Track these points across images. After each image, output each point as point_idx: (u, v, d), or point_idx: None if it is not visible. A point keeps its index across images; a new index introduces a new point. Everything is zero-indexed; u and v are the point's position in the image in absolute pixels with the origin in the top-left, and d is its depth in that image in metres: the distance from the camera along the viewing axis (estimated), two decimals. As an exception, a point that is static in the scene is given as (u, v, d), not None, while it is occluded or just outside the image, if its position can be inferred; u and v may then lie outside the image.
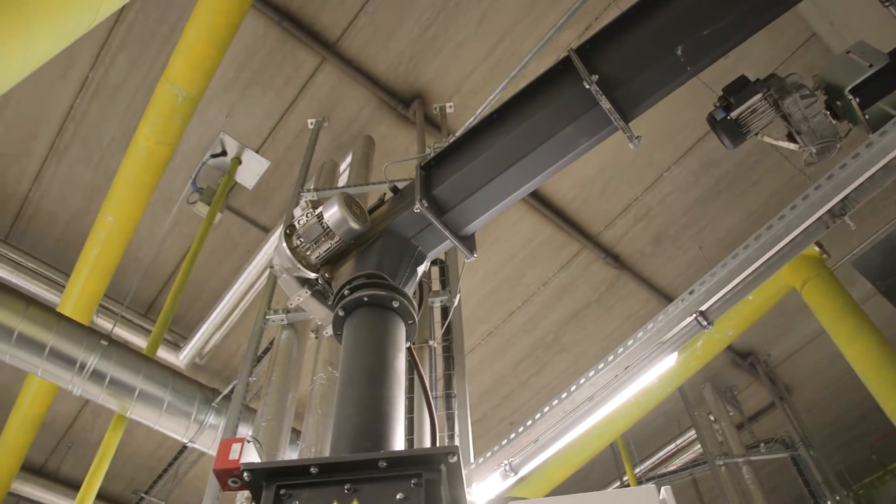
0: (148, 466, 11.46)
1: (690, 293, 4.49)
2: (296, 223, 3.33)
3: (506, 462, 4.50)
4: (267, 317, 5.90)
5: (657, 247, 9.38)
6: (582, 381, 4.51)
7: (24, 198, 8.89)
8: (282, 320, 5.91)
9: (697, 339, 7.47)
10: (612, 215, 9.06)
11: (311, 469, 2.31)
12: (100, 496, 11.28)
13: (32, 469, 11.27)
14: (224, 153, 8.36)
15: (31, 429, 8.78)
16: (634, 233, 9.23)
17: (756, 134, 3.56)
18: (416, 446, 4.18)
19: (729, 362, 10.76)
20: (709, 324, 4.52)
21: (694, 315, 4.49)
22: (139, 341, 9.26)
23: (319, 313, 3.36)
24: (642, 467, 11.38)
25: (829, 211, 4.16)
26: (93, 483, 7.34)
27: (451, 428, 4.14)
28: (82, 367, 6.78)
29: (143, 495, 11.18)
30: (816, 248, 7.67)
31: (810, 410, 11.22)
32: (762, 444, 10.74)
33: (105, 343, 7.00)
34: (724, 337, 7.91)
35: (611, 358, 4.50)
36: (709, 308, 4.51)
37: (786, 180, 8.57)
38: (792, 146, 3.71)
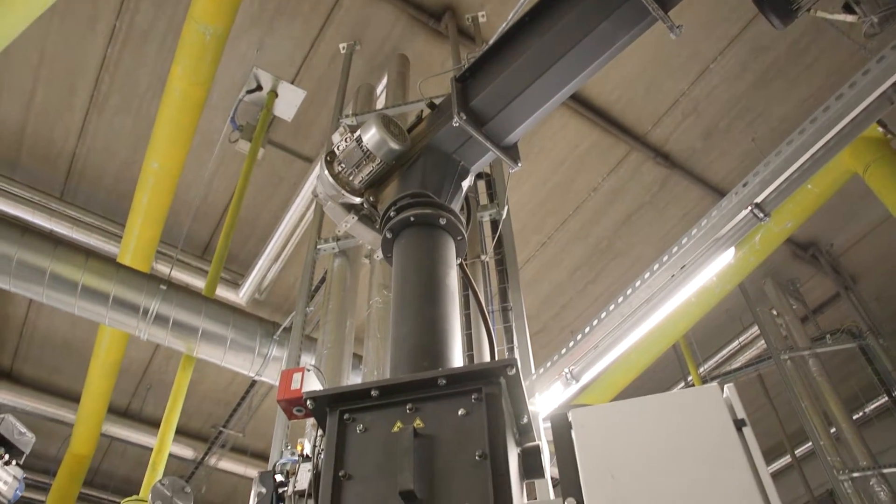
0: (223, 402, 11.94)
1: (744, 185, 4.33)
2: (335, 149, 3.28)
3: (567, 370, 4.51)
4: (318, 247, 5.94)
5: (708, 142, 9.07)
6: (638, 283, 4.43)
7: (73, 154, 9.03)
8: (333, 248, 5.94)
9: (755, 234, 7.27)
10: (658, 113, 8.75)
11: (372, 392, 2.33)
12: (183, 432, 11.91)
13: (118, 412, 11.88)
14: (259, 88, 8.29)
15: (110, 375, 9.20)
16: (683, 129, 8.92)
17: (808, 10, 3.31)
18: (475, 362, 4.22)
19: (789, 255, 10.49)
20: (765, 216, 4.37)
21: (749, 208, 4.33)
22: (198, 283, 9.50)
23: (368, 237, 3.34)
24: (706, 367, 11.35)
25: (893, 85, 3.88)
26: (170, 420, 7.68)
27: (510, 341, 4.14)
28: (145, 312, 7.00)
29: (221, 429, 11.69)
30: (879, 129, 7.28)
31: (878, 298, 10.93)
32: (828, 336, 10.55)
33: (164, 287, 7.19)
34: (783, 229, 7.67)
35: (666, 258, 4.40)
36: (765, 199, 4.35)
37: (843, 59, 8.10)
38: (849, 18, 3.46)
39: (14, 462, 3.43)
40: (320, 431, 2.47)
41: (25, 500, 12.50)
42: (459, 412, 2.22)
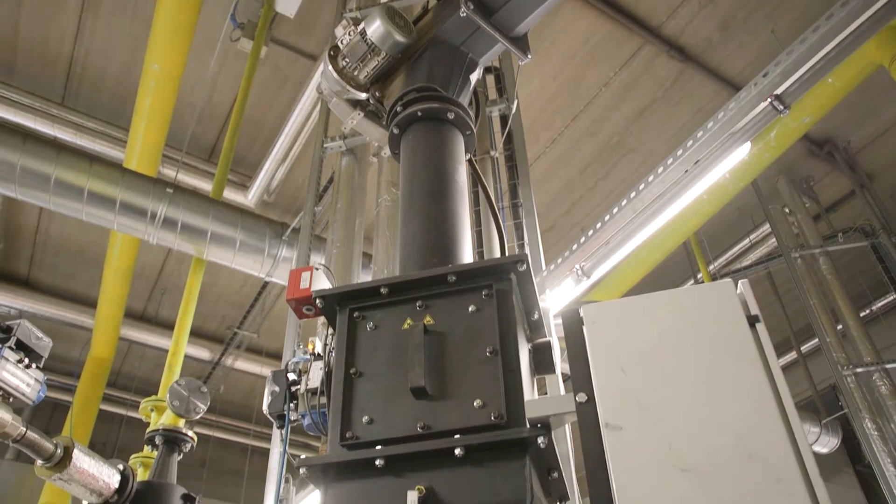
0: (237, 304, 12.12)
1: (764, 76, 4.15)
2: (339, 44, 3.14)
3: (577, 266, 4.48)
4: (325, 145, 5.84)
5: (725, 33, 8.73)
6: (651, 178, 4.34)
7: (70, 57, 8.81)
8: (340, 147, 5.84)
9: (771, 129, 7.09)
10: (674, 4, 8.39)
11: (382, 290, 2.30)
12: (199, 335, 12.15)
13: (135, 316, 12.11)
14: (258, -19, 7.98)
15: (124, 280, 9.30)
16: (699, 20, 8.56)
17: None
18: (486, 258, 4.19)
19: (805, 152, 10.29)
20: (785, 108, 4.22)
21: (769, 100, 4.17)
22: (206, 186, 9.45)
23: (375, 134, 3.25)
24: (716, 264, 11.36)
25: (929, -35, 3.65)
26: (184, 323, 7.80)
27: (521, 237, 4.10)
28: (153, 216, 6.99)
29: (236, 330, 11.93)
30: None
31: (893, 196, 10.78)
32: (840, 234, 10.49)
33: (171, 191, 7.15)
34: (800, 125, 7.47)
35: (680, 152, 4.29)
36: (785, 91, 4.19)
37: (871, -59, 7.65)
38: None
39: (34, 366, 3.48)
40: (331, 330, 2.47)
41: (54, 402, 12.97)
42: (470, 308, 2.19)
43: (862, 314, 11.00)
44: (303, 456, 2.12)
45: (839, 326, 10.01)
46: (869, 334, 10.01)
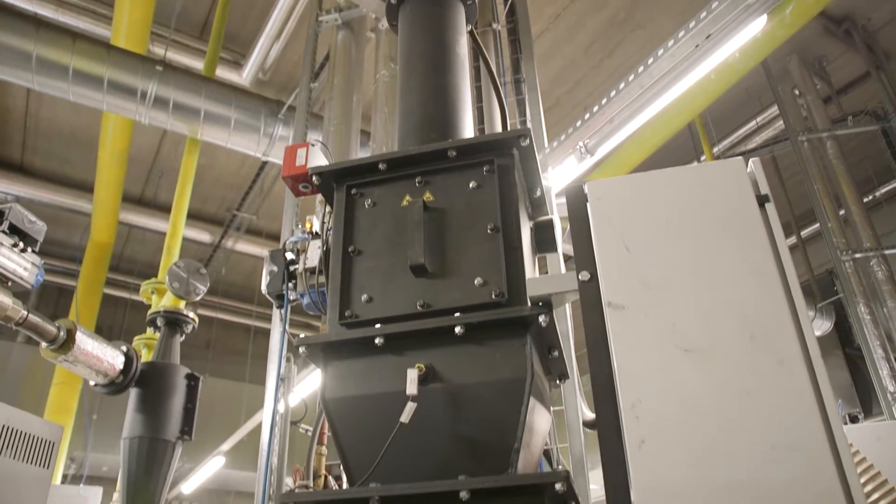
0: (235, 185, 12.02)
1: (787, -59, 3.88)
2: None
3: (581, 144, 4.35)
4: (320, 18, 5.57)
5: None
6: (661, 52, 4.14)
7: (48, -75, 8.30)
8: (335, 20, 5.57)
9: (787, 5, 6.75)
10: None
11: (380, 165, 2.22)
12: (198, 217, 12.13)
13: (133, 200, 12.03)
14: None
15: (120, 163, 9.16)
16: None
17: None
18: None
19: (820, 30, 9.87)
20: (806, -22, 3.96)
21: (789, -32, 3.92)
22: (198, 65, 9.13)
23: (371, 4, 3.09)
24: (720, 146, 11.17)
25: None
26: (181, 205, 7.73)
27: (523, 114, 3.96)
28: (143, 95, 6.78)
29: (235, 213, 11.90)
30: None
31: (910, 79, 10.45)
32: (850, 118, 10.23)
33: (160, 69, 6.91)
34: (818, 0, 7.10)
35: (693, 24, 4.07)
36: (807, -42, 3.92)
37: None
38: None
39: (30, 249, 3.43)
40: (328, 208, 2.40)
41: (59, 287, 13.13)
42: (471, 184, 2.12)
43: (865, 200, 10.93)
44: (302, 335, 2.10)
45: (841, 212, 9.96)
46: (871, 220, 9.97)
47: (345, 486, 2.00)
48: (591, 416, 3.65)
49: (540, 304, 1.96)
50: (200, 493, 13.92)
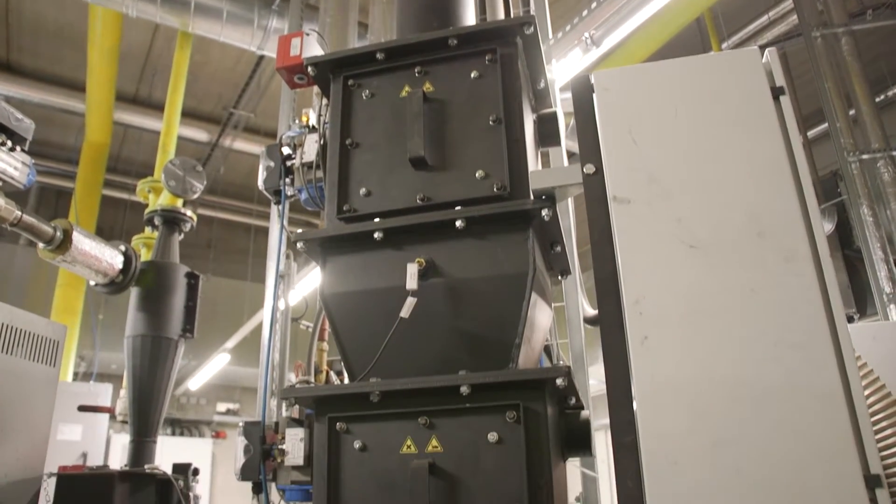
0: (232, 82, 11.71)
1: None
2: None
3: (587, 34, 4.18)
4: None
5: None
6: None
7: None
8: None
9: None
10: None
11: (378, 55, 2.12)
12: (195, 116, 11.90)
13: (127, 99, 11.76)
14: None
15: (111, 61, 8.91)
16: None
17: None
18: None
19: (845, -85, 9.35)
20: None
21: None
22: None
23: None
24: (730, 42, 10.82)
25: None
26: (174, 101, 7.54)
27: (526, 4, 3.76)
28: (130, -17, 6.48)
29: (232, 110, 11.66)
30: None
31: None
32: (869, 12, 9.83)
33: (146, -44, 6.59)
34: None
35: None
36: None
37: None
38: None
39: (19, 148, 3.34)
40: (325, 101, 2.31)
41: (57, 189, 13.04)
42: (472, 74, 2.03)
43: (877, 99, 10.67)
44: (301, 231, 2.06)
45: (851, 112, 9.74)
46: (881, 120, 9.77)
47: (346, 381, 2.01)
48: (592, 312, 3.66)
49: (543, 197, 1.91)
50: (207, 389, 14.32)
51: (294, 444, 2.15)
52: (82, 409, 5.78)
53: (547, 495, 1.61)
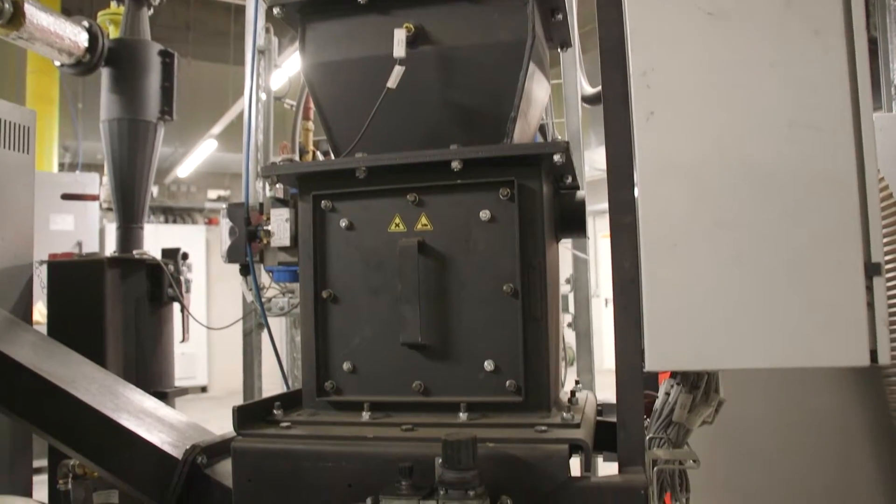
0: None
1: None
2: None
3: None
4: None
5: None
6: None
7: None
8: None
9: None
10: None
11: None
12: None
13: None
14: None
15: None
16: None
17: None
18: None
19: None
20: None
21: None
22: None
23: None
24: None
25: None
26: None
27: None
28: None
29: None
30: None
31: None
32: None
33: None
34: None
35: None
36: None
37: None
38: None
39: None
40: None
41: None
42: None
43: None
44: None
45: None
46: None
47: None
48: (591, 90, 3.48)
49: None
50: (197, 176, 14.29)
51: (279, 225, 2.09)
52: (66, 197, 5.73)
53: (540, 275, 1.57)
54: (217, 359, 12.69)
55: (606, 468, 1.48)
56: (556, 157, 1.55)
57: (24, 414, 2.06)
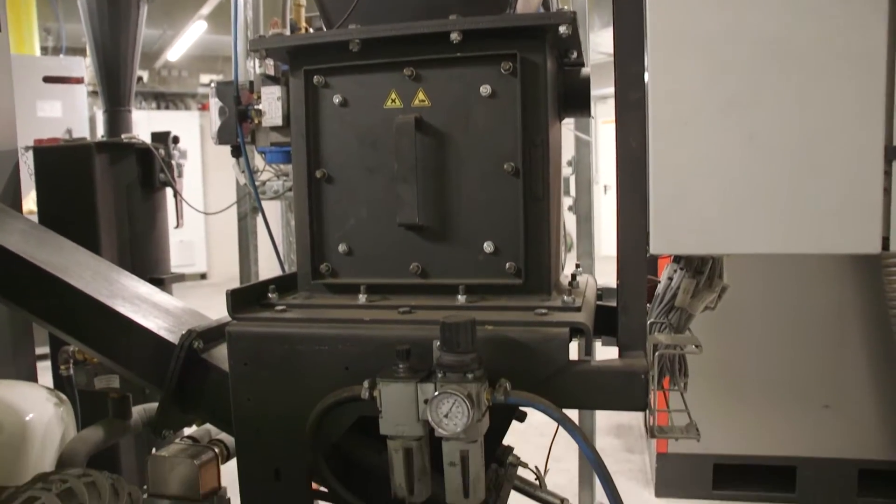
0: None
1: None
2: None
3: None
4: None
5: None
6: None
7: None
8: None
9: None
10: None
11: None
12: None
13: None
14: None
15: None
16: None
17: None
18: None
19: None
20: None
21: None
22: None
23: None
24: None
25: None
26: None
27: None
28: None
29: None
30: None
31: None
32: None
33: None
34: None
35: None
36: None
37: None
38: None
39: None
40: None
41: None
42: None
43: None
44: None
45: None
46: None
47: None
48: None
49: None
50: (188, 60, 13.87)
51: (271, 104, 2.00)
52: (48, 80, 5.52)
53: (542, 154, 1.50)
54: (216, 246, 12.74)
55: (604, 353, 1.46)
56: (562, 29, 1.45)
57: (16, 300, 2.03)
